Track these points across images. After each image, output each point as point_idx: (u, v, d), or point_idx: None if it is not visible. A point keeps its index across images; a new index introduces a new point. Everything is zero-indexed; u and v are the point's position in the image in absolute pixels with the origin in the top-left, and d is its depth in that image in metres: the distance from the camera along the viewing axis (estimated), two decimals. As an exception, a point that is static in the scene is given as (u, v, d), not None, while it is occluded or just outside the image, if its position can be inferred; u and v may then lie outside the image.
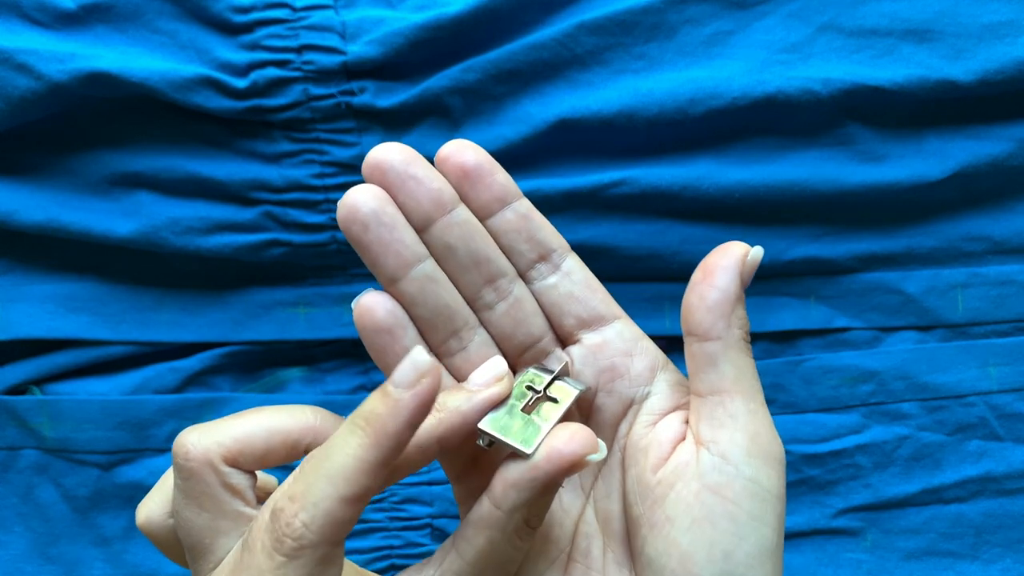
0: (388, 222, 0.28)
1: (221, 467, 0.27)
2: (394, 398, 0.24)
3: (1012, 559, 0.40)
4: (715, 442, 0.27)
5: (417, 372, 0.25)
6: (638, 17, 0.37)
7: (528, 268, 0.29)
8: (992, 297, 0.40)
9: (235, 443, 0.27)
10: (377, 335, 0.28)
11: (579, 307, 0.29)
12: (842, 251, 0.39)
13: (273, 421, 0.28)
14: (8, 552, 0.41)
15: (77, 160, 0.39)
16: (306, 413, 0.28)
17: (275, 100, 0.37)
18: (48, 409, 0.39)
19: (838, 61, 0.37)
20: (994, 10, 0.37)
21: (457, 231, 0.28)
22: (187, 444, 0.27)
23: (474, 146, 0.29)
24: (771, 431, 0.28)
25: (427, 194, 0.28)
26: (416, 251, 0.28)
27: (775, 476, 0.27)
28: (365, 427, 0.25)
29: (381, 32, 0.37)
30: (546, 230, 0.29)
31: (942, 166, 0.38)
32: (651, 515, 0.27)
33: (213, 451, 0.27)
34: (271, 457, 0.28)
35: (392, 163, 0.28)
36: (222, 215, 0.38)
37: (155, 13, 0.37)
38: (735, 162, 0.38)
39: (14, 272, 0.40)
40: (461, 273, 0.29)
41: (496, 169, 0.29)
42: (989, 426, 0.39)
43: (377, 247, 0.28)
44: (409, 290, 0.28)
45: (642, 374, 0.29)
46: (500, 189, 0.29)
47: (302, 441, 0.28)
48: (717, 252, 0.28)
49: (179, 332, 0.40)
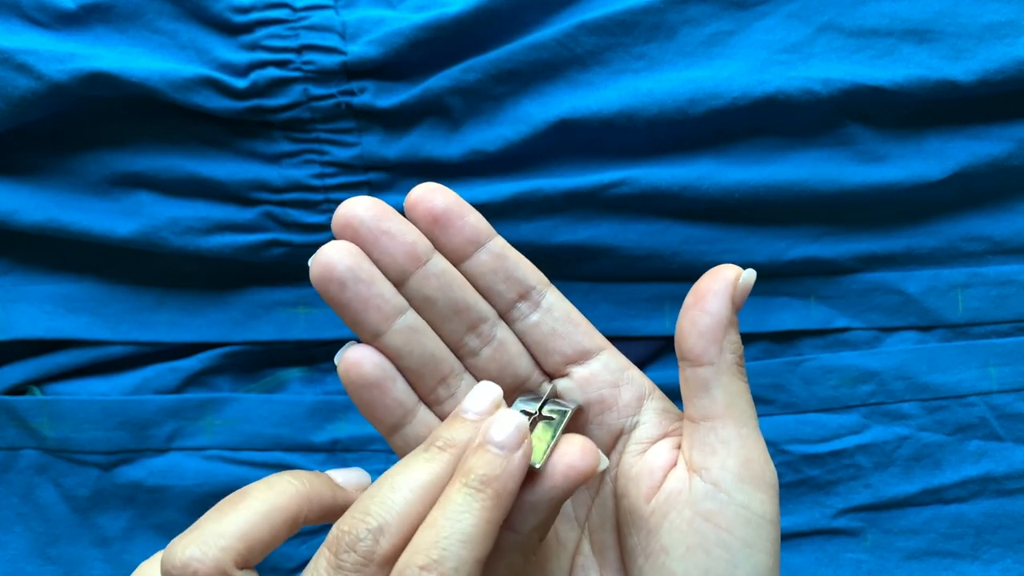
0: (365, 278, 0.27)
1: (235, 574, 0.25)
2: (506, 459, 0.25)
3: (1012, 559, 0.40)
4: (707, 469, 0.27)
5: (520, 433, 0.25)
6: (638, 17, 0.37)
7: (509, 308, 0.29)
8: (992, 297, 0.40)
9: (242, 543, 0.26)
10: (366, 390, 0.28)
11: (563, 343, 0.29)
12: (842, 251, 0.39)
13: (268, 504, 0.26)
14: (8, 552, 0.41)
15: (77, 160, 0.39)
16: (292, 482, 0.28)
17: (275, 100, 0.37)
18: (48, 409, 0.39)
19: (838, 61, 0.37)
20: (994, 10, 0.37)
21: (434, 282, 0.28)
22: (191, 562, 0.25)
23: (442, 189, 0.28)
24: (763, 456, 0.28)
25: (401, 248, 0.28)
26: (396, 303, 0.28)
27: (768, 501, 0.27)
28: (485, 488, 0.25)
29: (381, 32, 0.37)
30: (523, 267, 0.29)
31: (942, 166, 0.38)
32: (646, 545, 0.28)
33: (223, 560, 0.25)
34: (277, 542, 0.27)
35: (363, 219, 0.27)
36: (222, 215, 0.38)
37: (155, 13, 0.37)
38: (735, 162, 0.38)
39: (14, 272, 0.40)
40: (442, 323, 0.29)
41: (466, 211, 0.28)
42: (989, 426, 0.39)
43: (357, 304, 0.27)
44: (394, 343, 0.28)
45: (630, 404, 0.29)
46: (472, 231, 0.28)
47: (300, 514, 0.27)
48: (709, 276, 0.28)
49: (179, 332, 0.40)
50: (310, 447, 0.40)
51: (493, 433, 0.25)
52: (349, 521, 0.25)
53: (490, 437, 0.25)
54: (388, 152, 0.38)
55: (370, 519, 0.25)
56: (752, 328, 0.40)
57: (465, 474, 0.25)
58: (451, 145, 0.38)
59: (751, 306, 0.40)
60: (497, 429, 0.25)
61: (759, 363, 0.39)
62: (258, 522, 0.26)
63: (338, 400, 0.40)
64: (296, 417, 0.40)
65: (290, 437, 0.40)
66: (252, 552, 0.26)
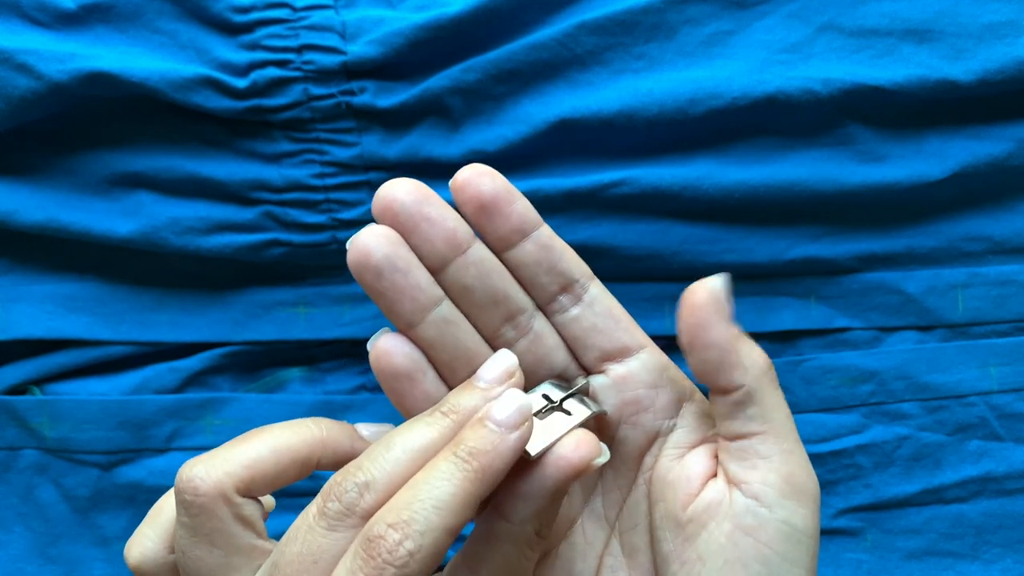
0: (402, 267, 0.26)
1: (235, 498, 0.26)
2: (500, 437, 0.25)
3: (1012, 559, 0.40)
4: (747, 483, 0.27)
5: (522, 415, 0.25)
6: (638, 17, 0.37)
7: (550, 300, 0.29)
8: (992, 297, 0.40)
9: (246, 471, 0.26)
10: (396, 380, 0.28)
11: (603, 339, 0.29)
12: (842, 251, 0.39)
13: (279, 441, 0.27)
14: (8, 552, 0.41)
15: (77, 160, 0.39)
16: (310, 427, 0.28)
17: (275, 100, 0.37)
18: (48, 409, 0.39)
19: (838, 61, 0.37)
20: (994, 10, 0.37)
21: (474, 271, 0.27)
22: (194, 479, 0.26)
23: (491, 172, 0.27)
24: (805, 468, 0.27)
25: (441, 234, 0.27)
26: (432, 294, 0.27)
27: (809, 515, 0.27)
28: (471, 461, 0.24)
29: (381, 32, 0.37)
30: (568, 258, 0.28)
31: (942, 166, 0.38)
32: (681, 552, 0.27)
33: (225, 482, 0.26)
34: (283, 479, 0.27)
35: (404, 203, 0.26)
36: (222, 215, 0.38)
37: (155, 13, 0.37)
38: (735, 162, 0.38)
39: (14, 272, 0.40)
40: (479, 313, 0.28)
41: (514, 197, 0.27)
42: (989, 426, 0.39)
43: (392, 294, 0.27)
44: (427, 335, 0.27)
45: (667, 406, 0.29)
46: (519, 220, 0.27)
47: (312, 457, 0.27)
48: (686, 310, 0.27)
49: (179, 332, 0.40)
50: (310, 447, 0.40)
51: (495, 410, 0.25)
52: (343, 473, 0.25)
53: (491, 413, 0.25)
54: (388, 152, 0.38)
55: (360, 474, 0.25)
56: (752, 328, 0.40)
57: (456, 443, 0.25)
58: (451, 145, 0.38)
59: (751, 306, 0.40)
60: (500, 407, 0.25)
61: (759, 363, 0.40)
62: (266, 456, 0.27)
63: (338, 400, 0.40)
64: (296, 417, 0.40)
65: (290, 437, 0.40)
66: (255, 482, 0.26)
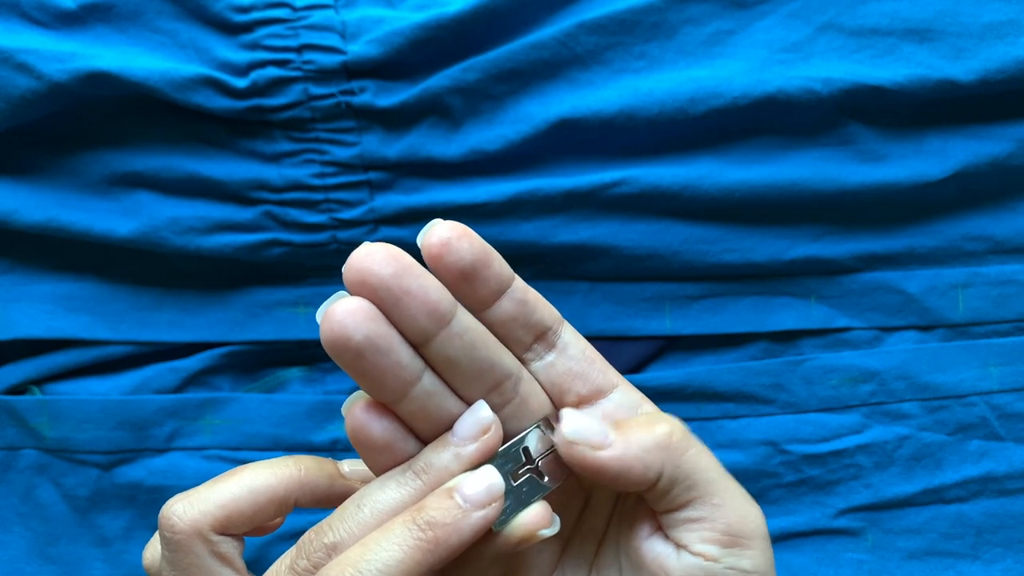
0: (384, 347, 0.25)
1: (211, 536, 0.27)
2: (463, 513, 0.25)
3: (1013, 559, 0.40)
4: (688, 545, 0.27)
5: (491, 495, 0.25)
6: (638, 16, 0.37)
7: (525, 351, 0.28)
8: (993, 297, 0.40)
9: (221, 510, 0.27)
10: (375, 452, 0.27)
11: (579, 383, 0.28)
12: (842, 251, 0.39)
13: (257, 481, 0.28)
14: (8, 552, 0.41)
15: (77, 160, 0.39)
16: (289, 466, 0.28)
17: (275, 100, 0.37)
18: (48, 409, 0.39)
19: (839, 61, 0.37)
20: (995, 9, 0.37)
21: (458, 342, 0.26)
22: (172, 516, 0.27)
23: (468, 235, 0.26)
24: (742, 509, 0.27)
25: (424, 309, 0.25)
26: (414, 369, 0.26)
27: (758, 554, 0.27)
28: (427, 531, 0.24)
29: (381, 32, 0.37)
30: (541, 309, 0.28)
31: (942, 166, 0.38)
32: None
33: (201, 521, 0.27)
34: (260, 517, 0.28)
35: (381, 277, 0.24)
36: (222, 215, 0.38)
37: (155, 13, 0.37)
38: (735, 162, 0.38)
39: (14, 272, 0.40)
40: (463, 383, 0.27)
41: (491, 258, 0.26)
42: (990, 426, 0.39)
43: (374, 374, 0.25)
44: (409, 409, 0.26)
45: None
46: (496, 281, 0.26)
47: (289, 497, 0.28)
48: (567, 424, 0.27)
49: (179, 332, 0.40)
50: (310, 447, 0.40)
51: (466, 484, 0.25)
52: (316, 530, 0.26)
53: (461, 486, 0.25)
54: (388, 152, 0.38)
55: (330, 534, 0.26)
56: (753, 328, 0.40)
57: (419, 509, 0.25)
58: (451, 145, 0.38)
59: (751, 306, 0.40)
60: (472, 482, 0.25)
61: (759, 363, 0.39)
62: (243, 496, 0.27)
63: (338, 400, 0.40)
64: (296, 417, 0.40)
65: (290, 437, 0.40)
66: (231, 521, 0.27)
